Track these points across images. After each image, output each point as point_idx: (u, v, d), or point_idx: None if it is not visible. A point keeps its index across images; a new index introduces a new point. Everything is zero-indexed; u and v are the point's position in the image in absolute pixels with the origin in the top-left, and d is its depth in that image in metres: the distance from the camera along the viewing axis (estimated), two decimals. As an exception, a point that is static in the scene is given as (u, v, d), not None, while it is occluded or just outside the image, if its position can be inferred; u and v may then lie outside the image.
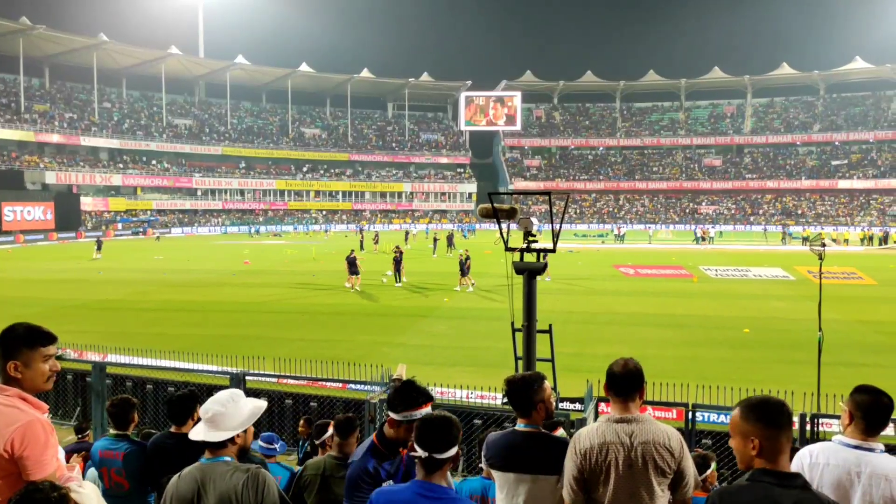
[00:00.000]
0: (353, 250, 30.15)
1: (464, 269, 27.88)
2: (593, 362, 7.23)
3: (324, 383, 11.59)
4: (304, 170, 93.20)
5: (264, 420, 10.33)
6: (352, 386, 11.26)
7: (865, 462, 3.11)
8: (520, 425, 3.61)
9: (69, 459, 3.97)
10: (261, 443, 6.15)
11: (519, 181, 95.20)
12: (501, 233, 7.21)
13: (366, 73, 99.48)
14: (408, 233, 59.27)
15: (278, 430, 10.36)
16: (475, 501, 4.16)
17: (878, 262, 40.84)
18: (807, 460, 3.25)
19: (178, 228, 76.80)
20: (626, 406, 3.32)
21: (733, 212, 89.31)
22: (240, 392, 3.39)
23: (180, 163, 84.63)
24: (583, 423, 6.55)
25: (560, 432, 4.02)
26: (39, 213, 63.53)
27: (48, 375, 3.01)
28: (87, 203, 71.92)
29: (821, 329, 11.56)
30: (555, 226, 7.09)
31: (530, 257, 6.87)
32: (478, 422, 8.76)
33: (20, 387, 2.92)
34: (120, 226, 72.45)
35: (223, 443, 3.23)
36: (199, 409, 3.46)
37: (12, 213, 60.63)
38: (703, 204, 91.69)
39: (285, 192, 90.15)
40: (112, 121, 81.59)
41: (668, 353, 16.51)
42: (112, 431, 4.94)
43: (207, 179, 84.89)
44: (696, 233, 63.36)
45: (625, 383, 3.32)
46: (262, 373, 11.67)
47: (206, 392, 3.44)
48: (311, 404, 10.67)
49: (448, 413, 3.16)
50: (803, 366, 13.50)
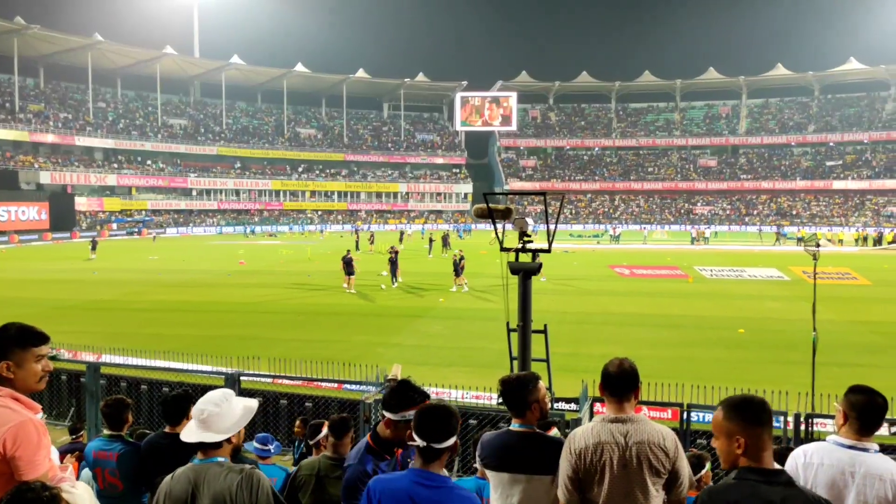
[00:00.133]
0: (349, 250, 30.13)
1: (458, 269, 27.89)
2: (588, 362, 7.23)
3: (319, 384, 11.58)
4: (300, 170, 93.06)
5: (259, 420, 10.31)
6: (347, 386, 11.26)
7: (860, 462, 3.11)
8: (514, 425, 3.61)
9: (63, 460, 3.95)
10: (255, 444, 6.14)
11: (514, 181, 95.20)
12: (497, 233, 7.21)
13: (361, 74, 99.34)
14: (402, 233, 59.25)
15: (273, 430, 10.35)
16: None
17: (872, 262, 40.98)
18: (801, 460, 3.25)
19: (174, 229, 76.61)
20: (621, 406, 3.32)
21: (728, 212, 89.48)
22: (231, 391, 3.38)
23: (175, 163, 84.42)
24: (578, 423, 6.54)
25: (554, 432, 4.03)
26: (34, 213, 63.28)
27: (41, 376, 3.00)
28: (82, 203, 71.63)
29: (815, 329, 11.59)
30: (550, 226, 7.08)
31: (525, 257, 6.86)
32: (473, 422, 8.74)
33: (12, 387, 2.91)
34: (115, 226, 72.21)
35: (217, 443, 3.22)
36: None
37: (7, 213, 60.35)
38: (699, 204, 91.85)
39: (281, 193, 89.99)
40: (107, 121, 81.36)
41: (663, 353, 16.54)
42: (106, 432, 4.92)
43: (203, 179, 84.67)
44: (692, 233, 63.50)
45: (620, 383, 3.32)
46: (256, 373, 11.63)
47: (200, 392, 3.43)
48: (307, 404, 10.67)
49: (447, 403, 3.16)
50: (798, 366, 13.52)
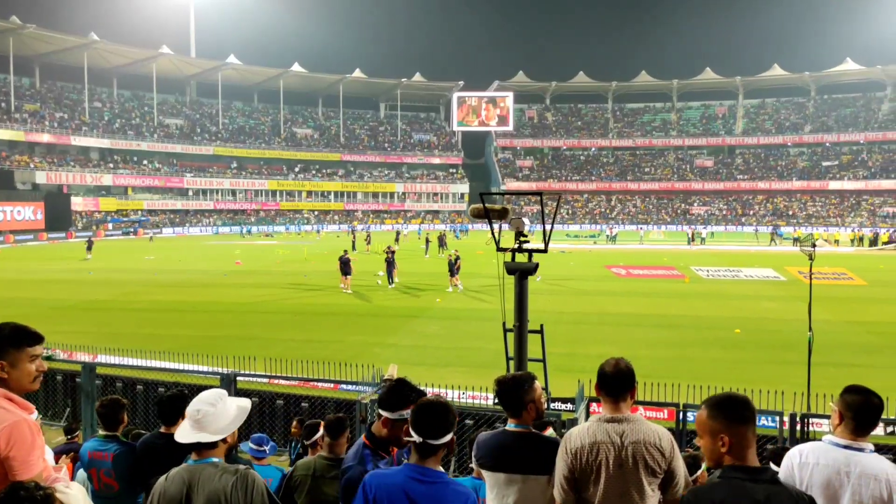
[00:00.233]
0: (346, 251, 30.10)
1: (453, 269, 27.90)
2: (585, 362, 7.23)
3: (315, 384, 11.57)
4: (296, 170, 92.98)
5: (255, 420, 10.30)
6: (343, 386, 11.25)
7: (855, 462, 3.11)
8: (510, 425, 3.60)
9: (58, 460, 3.94)
10: (251, 444, 6.13)
11: (511, 182, 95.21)
12: (493, 233, 7.21)
13: (358, 74, 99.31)
14: (398, 233, 59.26)
15: (269, 430, 10.33)
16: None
17: (868, 262, 41.06)
18: (797, 460, 3.25)
19: (170, 229, 76.48)
20: (617, 406, 3.32)
21: (724, 212, 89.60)
22: (224, 391, 3.38)
23: (171, 163, 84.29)
24: (574, 423, 6.55)
25: (550, 432, 4.02)
26: (29, 213, 63.16)
27: (35, 376, 2.99)
28: (78, 203, 71.48)
29: (811, 329, 11.62)
30: (546, 226, 7.08)
31: (522, 257, 6.86)
32: (469, 422, 8.75)
33: (6, 387, 2.90)
34: (110, 226, 72.07)
35: (213, 443, 3.21)
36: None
37: (2, 213, 60.23)
38: (695, 205, 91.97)
39: (277, 193, 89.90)
40: (103, 120, 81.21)
41: (659, 353, 16.55)
42: (101, 432, 4.90)
43: (199, 179, 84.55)
44: (689, 233, 63.50)
45: (616, 383, 3.32)
46: (253, 373, 11.62)
47: (196, 393, 3.42)
48: (303, 405, 10.65)
49: (444, 399, 3.16)
50: (794, 366, 13.54)
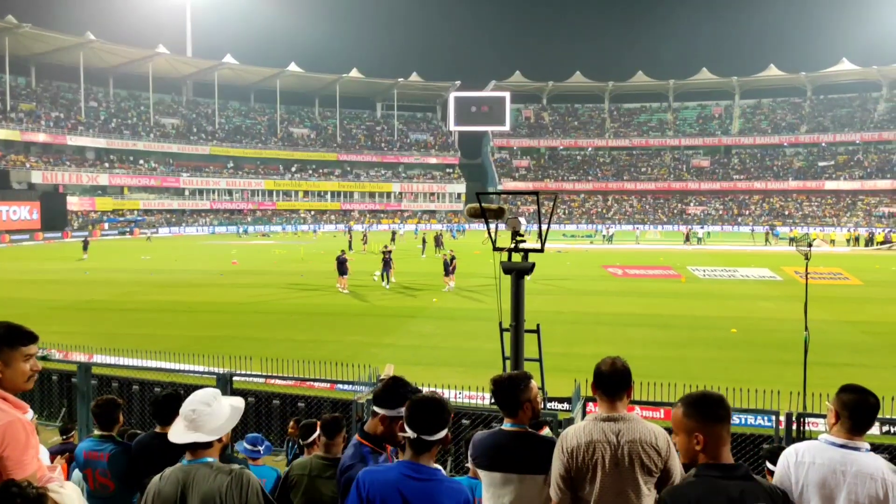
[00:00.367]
0: (343, 251, 30.07)
1: (448, 269, 27.92)
2: (581, 362, 7.22)
3: (311, 384, 11.57)
4: (293, 170, 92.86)
5: (251, 420, 10.29)
6: (340, 386, 11.24)
7: (851, 461, 3.11)
8: (506, 425, 3.59)
9: (53, 461, 3.92)
10: (245, 444, 6.12)
11: (508, 181, 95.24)
12: (489, 233, 7.20)
13: (355, 73, 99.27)
14: (394, 233, 59.15)
15: (265, 430, 10.32)
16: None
17: (863, 262, 41.18)
18: (793, 459, 3.25)
19: (166, 228, 76.32)
20: (613, 405, 3.31)
21: (721, 212, 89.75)
22: (218, 391, 3.37)
23: (168, 162, 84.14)
24: (570, 422, 6.54)
25: (546, 431, 4.01)
26: (25, 212, 62.96)
27: (29, 375, 2.98)
28: (74, 203, 71.29)
29: (807, 329, 11.62)
30: (543, 226, 7.08)
31: (518, 257, 6.86)
32: (466, 422, 8.75)
33: (0, 386, 2.89)
34: (107, 226, 71.92)
35: (207, 443, 3.20)
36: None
37: (-3, 212, 60.13)
38: (692, 204, 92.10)
39: (274, 192, 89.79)
40: (99, 120, 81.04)
41: (655, 353, 16.57)
42: (97, 432, 4.88)
43: (195, 179, 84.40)
44: (685, 233, 63.75)
45: (612, 382, 3.32)
46: (249, 373, 11.61)
47: (192, 393, 3.41)
48: (299, 405, 10.63)
49: (439, 395, 3.15)
50: (790, 366, 13.55)
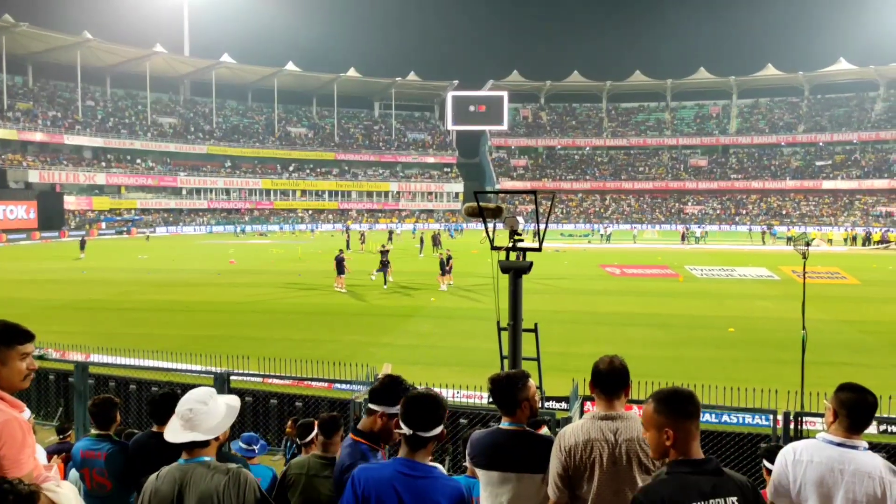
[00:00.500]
0: (341, 250, 30.07)
1: (444, 268, 27.92)
2: (579, 361, 7.23)
3: (309, 383, 11.55)
4: (291, 169, 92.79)
5: (249, 419, 10.28)
6: (337, 386, 11.23)
7: (849, 459, 3.11)
8: (504, 424, 3.59)
9: (50, 460, 3.91)
10: (241, 444, 6.11)
11: (506, 181, 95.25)
12: (487, 232, 7.19)
13: (352, 73, 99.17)
14: (391, 232, 59.07)
15: (263, 429, 10.31)
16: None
17: (861, 261, 41.24)
18: (791, 457, 3.25)
19: (163, 228, 76.20)
20: (611, 403, 3.32)
21: (718, 212, 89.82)
22: (213, 390, 3.37)
23: (165, 162, 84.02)
24: (568, 421, 6.54)
25: (544, 430, 4.01)
26: (22, 212, 62.84)
27: (25, 374, 2.96)
28: (71, 202, 71.19)
29: (805, 328, 11.63)
30: (540, 225, 7.07)
31: (516, 256, 6.85)
32: (464, 421, 8.75)
33: (-3, 386, 2.88)
34: (104, 225, 71.77)
35: (204, 442, 3.19)
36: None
37: (-6, 212, 60.04)
38: (689, 204, 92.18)
39: (271, 192, 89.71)
40: (96, 119, 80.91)
41: (653, 352, 16.57)
42: (94, 431, 4.87)
43: (192, 178, 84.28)
44: (682, 233, 63.86)
45: (610, 381, 3.32)
46: (246, 372, 11.58)
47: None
48: (297, 404, 10.62)
49: (435, 391, 3.15)
50: (787, 365, 13.56)
